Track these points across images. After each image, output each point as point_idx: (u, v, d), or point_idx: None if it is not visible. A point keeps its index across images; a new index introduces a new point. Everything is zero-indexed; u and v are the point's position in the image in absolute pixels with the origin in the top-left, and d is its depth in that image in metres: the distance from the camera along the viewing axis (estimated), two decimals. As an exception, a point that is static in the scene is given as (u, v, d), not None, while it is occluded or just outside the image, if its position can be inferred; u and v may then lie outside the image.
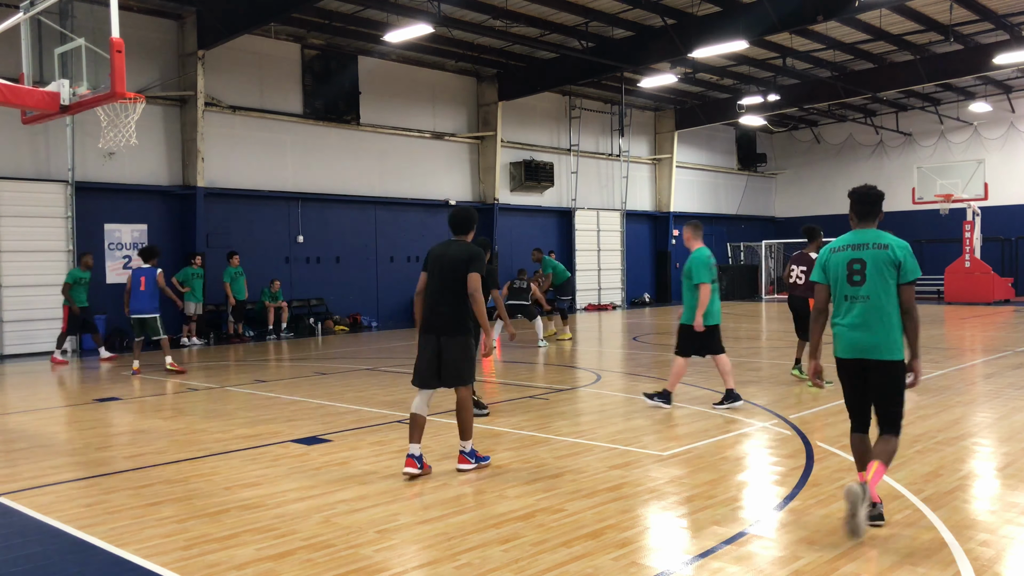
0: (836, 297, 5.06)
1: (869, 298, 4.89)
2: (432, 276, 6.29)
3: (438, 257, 6.30)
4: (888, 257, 4.87)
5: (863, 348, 4.90)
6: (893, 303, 4.86)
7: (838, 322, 5.05)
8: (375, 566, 4.36)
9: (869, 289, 4.89)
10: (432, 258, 6.35)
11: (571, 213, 27.18)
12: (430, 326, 6.26)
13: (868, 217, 5.08)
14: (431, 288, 6.29)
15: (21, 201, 15.91)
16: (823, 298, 5.13)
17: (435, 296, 6.24)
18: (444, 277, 6.20)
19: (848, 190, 5.21)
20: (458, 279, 6.14)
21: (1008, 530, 4.77)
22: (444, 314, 6.18)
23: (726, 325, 21.01)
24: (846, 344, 4.98)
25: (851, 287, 4.96)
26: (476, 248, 6.28)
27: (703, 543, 4.63)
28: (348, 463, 6.65)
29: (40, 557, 4.66)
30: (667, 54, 20.22)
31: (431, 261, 6.34)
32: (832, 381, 10.75)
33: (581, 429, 7.93)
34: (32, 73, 9.30)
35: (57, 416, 9.41)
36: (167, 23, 17.95)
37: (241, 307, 18.31)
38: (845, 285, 4.99)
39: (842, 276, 5.00)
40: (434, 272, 6.28)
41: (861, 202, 5.09)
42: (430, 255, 6.39)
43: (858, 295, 4.92)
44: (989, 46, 22.14)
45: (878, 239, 4.95)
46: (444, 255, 6.27)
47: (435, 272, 6.27)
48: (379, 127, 21.81)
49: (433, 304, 6.25)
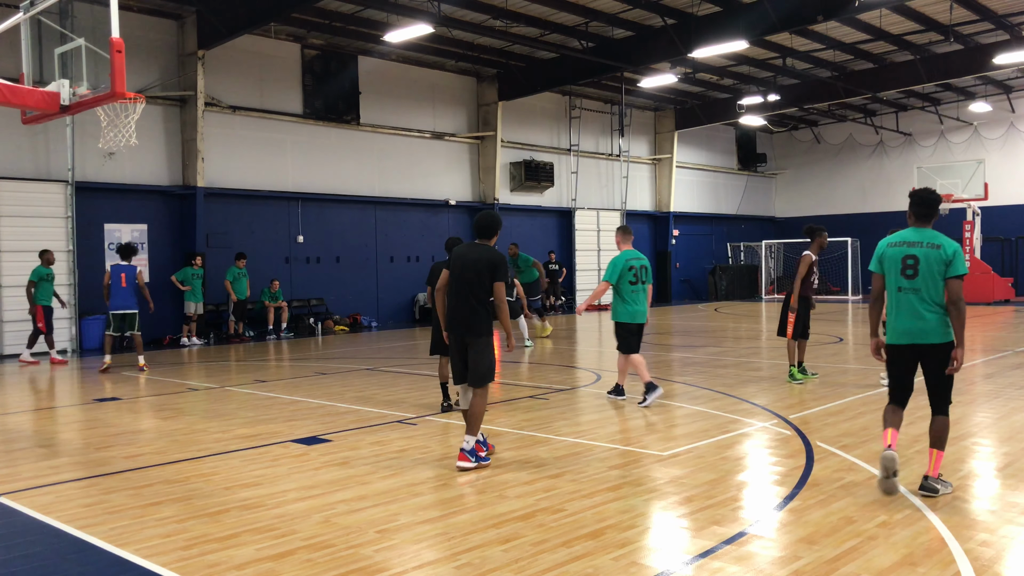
0: (889, 287, 5.60)
1: (920, 291, 5.44)
2: (454, 276, 6.52)
3: (461, 257, 6.50)
4: (940, 256, 5.42)
5: (915, 334, 5.47)
6: (940, 295, 5.42)
7: (890, 310, 5.59)
8: (375, 566, 4.36)
9: (920, 283, 5.44)
10: (455, 258, 6.54)
11: (571, 213, 27.19)
12: (455, 325, 6.50)
13: (925, 218, 5.63)
14: (453, 288, 6.52)
15: (21, 201, 15.92)
16: (879, 287, 5.71)
17: (456, 297, 6.48)
18: (466, 279, 6.42)
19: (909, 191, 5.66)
20: (481, 283, 6.39)
21: (1008, 530, 4.77)
22: (465, 315, 6.43)
23: (726, 325, 21.12)
24: (900, 332, 5.53)
25: (904, 279, 5.50)
26: (499, 255, 6.50)
27: (703, 543, 4.63)
28: (348, 463, 6.65)
29: (40, 557, 4.65)
30: (667, 54, 20.23)
31: (454, 261, 6.54)
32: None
33: (581, 429, 7.93)
34: (32, 73, 9.30)
35: (57, 416, 9.41)
36: (167, 23, 17.96)
37: (242, 306, 18.33)
38: (899, 277, 5.53)
39: (896, 269, 5.54)
40: (456, 272, 6.50)
41: (921, 204, 5.62)
42: (453, 255, 6.60)
43: (910, 287, 5.48)
44: (989, 46, 22.14)
45: (933, 239, 5.49)
46: (467, 257, 6.47)
47: (457, 272, 6.49)
48: (379, 127, 21.81)
49: (455, 304, 6.50)
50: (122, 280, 13.15)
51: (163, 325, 17.85)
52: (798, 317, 10.40)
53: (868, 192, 33.24)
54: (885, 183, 32.69)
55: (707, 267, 32.65)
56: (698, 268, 32.54)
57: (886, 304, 5.68)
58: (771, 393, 9.68)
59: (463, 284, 6.42)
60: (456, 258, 6.52)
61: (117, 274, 13.17)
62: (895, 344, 5.59)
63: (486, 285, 6.39)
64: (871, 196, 33.01)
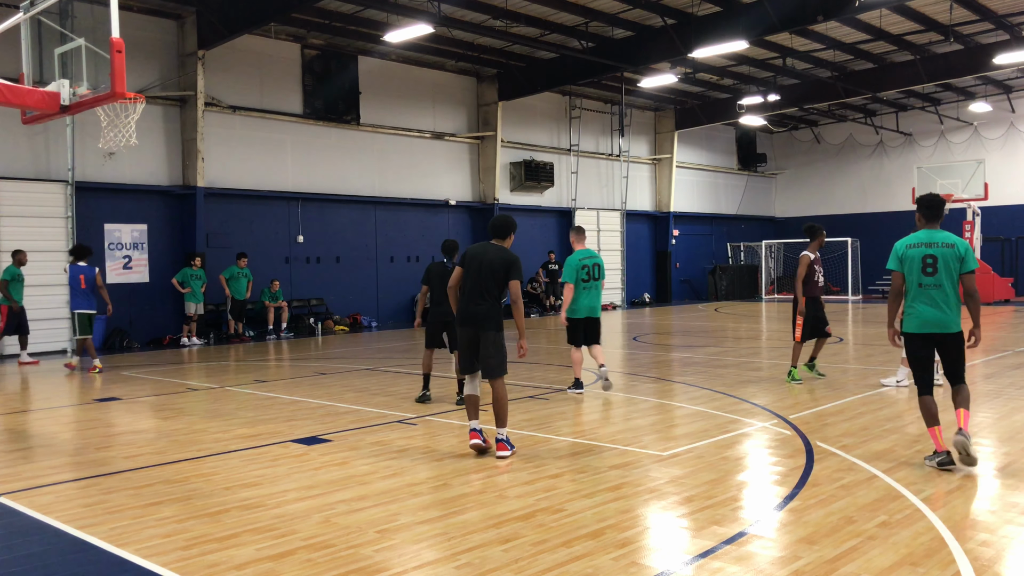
0: (911, 284, 6.23)
1: (940, 286, 6.12)
2: (469, 274, 6.77)
3: (475, 257, 6.77)
4: (954, 254, 6.12)
5: (935, 324, 6.15)
6: (956, 289, 6.15)
7: (912, 304, 6.23)
8: (375, 566, 4.36)
9: (940, 279, 6.12)
10: (469, 257, 6.81)
11: (571, 213, 27.18)
12: (467, 320, 6.77)
13: (935, 219, 6.31)
14: (468, 286, 6.77)
15: (21, 201, 15.91)
16: (900, 283, 6.30)
17: (472, 294, 6.74)
18: (482, 277, 6.69)
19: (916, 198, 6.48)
20: (496, 281, 6.69)
21: (1008, 530, 4.77)
22: (480, 311, 6.70)
23: (726, 325, 21.10)
24: (922, 322, 6.19)
25: (925, 276, 6.16)
26: (514, 255, 6.79)
27: (703, 543, 4.63)
28: (348, 463, 6.65)
29: (40, 557, 4.66)
30: (667, 54, 20.23)
31: (468, 260, 6.80)
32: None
33: (581, 429, 7.93)
34: (32, 73, 9.29)
35: (57, 416, 9.41)
36: (167, 23, 17.96)
37: (241, 306, 18.32)
38: (920, 275, 6.18)
39: (917, 268, 6.19)
40: (471, 271, 6.76)
41: (929, 207, 6.30)
42: (467, 254, 6.85)
43: (931, 283, 6.14)
44: (989, 46, 22.14)
45: (946, 239, 6.19)
46: (483, 256, 6.75)
47: (472, 271, 6.75)
48: (379, 127, 21.81)
49: (469, 301, 6.75)
50: (81, 282, 13.01)
51: (163, 325, 17.87)
52: (808, 317, 10.31)
53: (868, 192, 33.24)
54: (885, 183, 32.69)
55: (707, 267, 32.65)
56: (698, 268, 32.55)
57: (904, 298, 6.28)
58: (771, 393, 9.68)
59: (479, 281, 6.67)
60: (472, 257, 6.76)
61: (76, 276, 13.05)
62: (917, 333, 6.21)
63: (501, 284, 6.68)
64: (871, 196, 33.02)
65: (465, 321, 6.76)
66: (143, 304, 17.73)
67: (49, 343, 16.18)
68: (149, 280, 17.85)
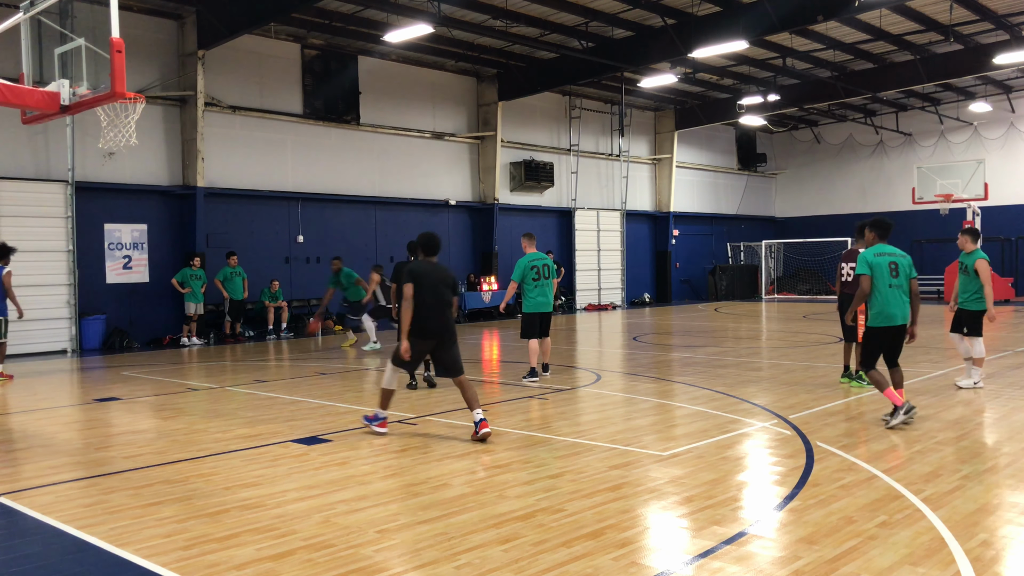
0: (880, 286, 7.64)
1: (901, 287, 7.70)
2: (425, 290, 7.48)
3: (427, 275, 7.55)
4: (908, 262, 7.83)
5: (899, 317, 7.69)
6: (908, 290, 7.76)
7: (884, 305, 7.63)
8: (375, 566, 4.36)
9: (900, 281, 7.70)
10: (422, 275, 7.53)
11: (571, 213, 27.19)
12: (430, 332, 7.53)
13: (885, 237, 7.99)
14: (427, 301, 7.49)
15: (21, 201, 15.92)
16: (867, 286, 7.69)
17: (432, 308, 7.52)
18: (438, 293, 7.55)
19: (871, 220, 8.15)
20: (448, 296, 7.65)
21: (1008, 530, 4.77)
22: (442, 323, 7.58)
23: (726, 325, 21.11)
24: (888, 316, 7.66)
25: (892, 279, 7.67)
26: (453, 274, 7.86)
27: (703, 543, 4.63)
28: (348, 463, 6.65)
29: (40, 557, 4.65)
30: (667, 54, 20.22)
31: (422, 277, 7.51)
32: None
33: (581, 429, 7.93)
34: (32, 73, 9.30)
35: (57, 416, 9.41)
36: (167, 23, 17.96)
37: (239, 306, 18.31)
38: (889, 277, 7.66)
39: (885, 272, 7.67)
40: (426, 287, 7.49)
41: (884, 228, 8.00)
42: (418, 272, 7.53)
43: (896, 284, 7.67)
44: (989, 46, 22.14)
45: (900, 252, 7.87)
46: (434, 274, 7.59)
47: (427, 287, 7.49)
48: (379, 127, 21.81)
49: (429, 314, 7.50)
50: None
51: (163, 325, 17.87)
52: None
53: (868, 192, 33.24)
54: (885, 183, 32.69)
55: (707, 267, 32.65)
56: (698, 268, 32.55)
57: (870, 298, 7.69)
58: (771, 393, 9.68)
59: (435, 297, 7.51)
60: (425, 275, 7.53)
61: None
62: (883, 327, 7.70)
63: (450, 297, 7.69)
64: (871, 196, 33.01)
65: (428, 334, 7.49)
66: (143, 304, 17.73)
67: (49, 343, 16.20)
68: (149, 280, 17.85)
